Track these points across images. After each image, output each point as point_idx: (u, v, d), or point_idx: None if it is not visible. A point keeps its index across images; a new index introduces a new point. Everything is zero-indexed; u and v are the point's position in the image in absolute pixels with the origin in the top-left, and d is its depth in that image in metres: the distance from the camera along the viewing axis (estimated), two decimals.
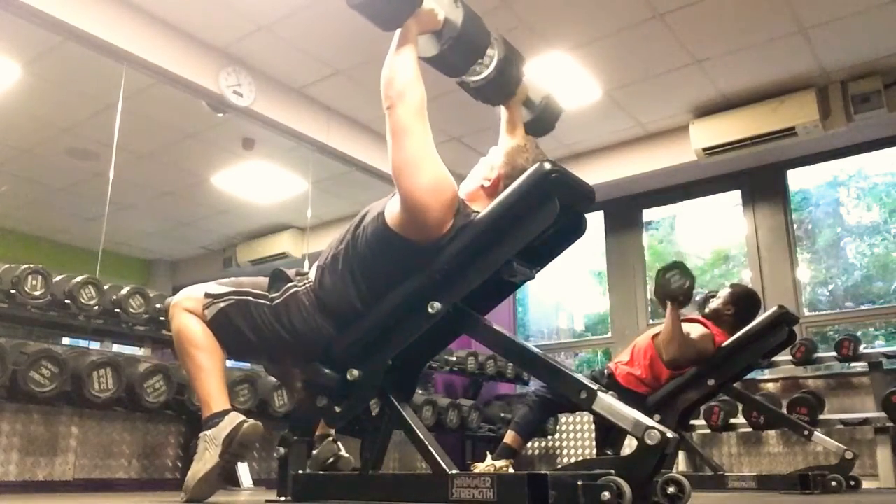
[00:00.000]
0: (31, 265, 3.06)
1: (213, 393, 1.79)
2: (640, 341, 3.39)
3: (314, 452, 1.96)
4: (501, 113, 2.15)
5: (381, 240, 1.66)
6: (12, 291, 2.98)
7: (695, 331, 3.19)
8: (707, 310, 3.40)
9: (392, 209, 1.64)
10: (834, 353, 4.22)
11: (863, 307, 5.28)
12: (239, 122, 4.61)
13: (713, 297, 3.56)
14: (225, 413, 1.76)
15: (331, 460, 2.00)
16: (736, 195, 5.43)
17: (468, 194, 1.82)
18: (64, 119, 4.67)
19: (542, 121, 2.20)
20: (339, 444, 2.04)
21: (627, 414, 1.34)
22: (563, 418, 5.12)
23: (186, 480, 1.74)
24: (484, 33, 1.87)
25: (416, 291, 1.62)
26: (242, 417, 1.76)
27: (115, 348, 3.71)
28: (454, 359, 4.92)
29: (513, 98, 2.08)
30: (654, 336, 3.29)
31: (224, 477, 1.80)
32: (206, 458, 1.72)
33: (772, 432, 4.42)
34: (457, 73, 1.91)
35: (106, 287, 3.30)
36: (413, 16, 1.68)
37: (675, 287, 3.10)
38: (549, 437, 5.19)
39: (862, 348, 4.20)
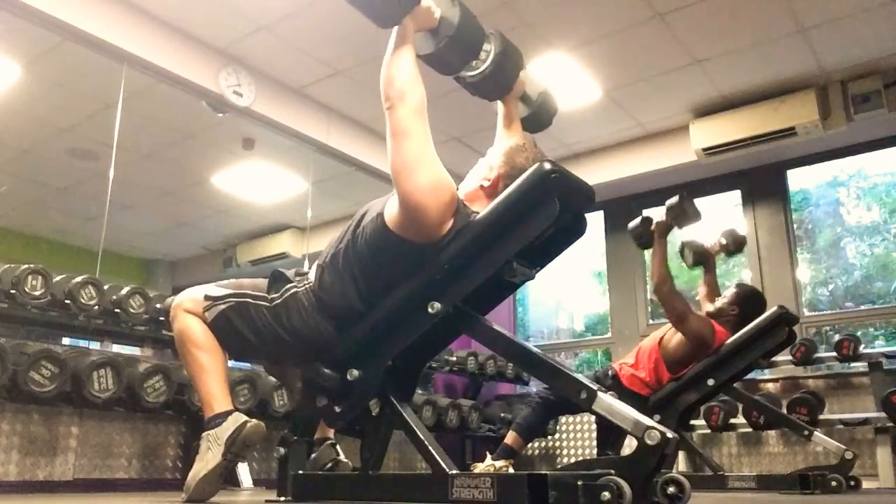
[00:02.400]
0: (31, 265, 3.05)
1: (215, 393, 1.79)
2: (646, 344, 3.39)
3: (313, 455, 1.96)
4: (498, 108, 2.15)
5: (380, 240, 1.66)
6: (12, 291, 2.98)
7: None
8: (711, 308, 3.40)
9: (391, 210, 1.64)
10: (834, 353, 4.22)
11: (863, 307, 5.28)
12: (239, 122, 4.61)
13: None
14: (228, 413, 1.77)
15: (329, 465, 2.00)
16: (736, 195, 5.43)
17: (467, 195, 1.82)
18: (64, 119, 4.67)
19: (538, 116, 2.20)
20: (338, 448, 2.04)
21: (627, 414, 1.34)
22: (563, 418, 5.12)
23: (188, 480, 1.74)
24: (479, 32, 1.88)
25: (416, 291, 1.62)
26: (245, 418, 1.76)
27: (115, 348, 3.71)
28: (454, 359, 4.92)
29: (510, 93, 2.08)
30: (661, 339, 3.30)
31: (224, 477, 1.80)
32: (209, 457, 1.72)
33: (772, 432, 4.41)
34: (452, 70, 1.91)
35: (106, 287, 3.30)
36: (410, 14, 1.69)
37: (691, 213, 3.26)
38: (549, 437, 5.19)
39: (862, 348, 4.20)
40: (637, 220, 3.44)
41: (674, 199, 3.30)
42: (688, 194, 3.36)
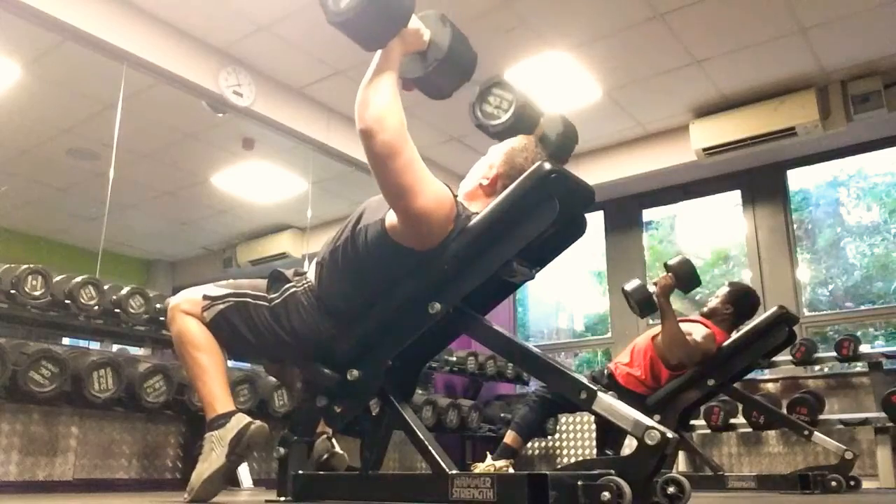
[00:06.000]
0: (31, 265, 3.05)
1: (216, 394, 1.79)
2: (640, 342, 3.39)
3: None
4: None
5: (381, 246, 1.65)
6: (12, 291, 2.98)
7: (697, 331, 3.19)
8: (705, 309, 3.40)
9: (392, 220, 1.63)
10: (834, 353, 4.22)
11: (863, 307, 5.29)
12: (239, 122, 4.61)
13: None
14: (231, 414, 1.76)
15: (325, 457, 2.00)
16: (736, 195, 5.44)
17: (467, 193, 1.82)
18: (64, 119, 4.67)
19: (557, 154, 2.21)
20: (333, 440, 2.04)
21: (627, 414, 1.34)
22: (563, 418, 5.12)
23: (191, 480, 1.74)
24: (471, 56, 1.80)
25: (416, 292, 1.62)
26: (249, 419, 1.76)
27: (115, 348, 3.71)
28: (454, 359, 4.92)
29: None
30: (654, 337, 3.29)
31: (227, 478, 1.80)
32: (213, 458, 1.72)
33: (772, 432, 4.42)
34: (442, 95, 1.84)
35: (106, 287, 3.30)
36: (397, 36, 1.62)
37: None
38: (549, 437, 5.19)
39: (862, 348, 4.20)
40: (634, 286, 3.32)
41: (680, 260, 3.22)
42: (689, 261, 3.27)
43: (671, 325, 3.10)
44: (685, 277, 3.20)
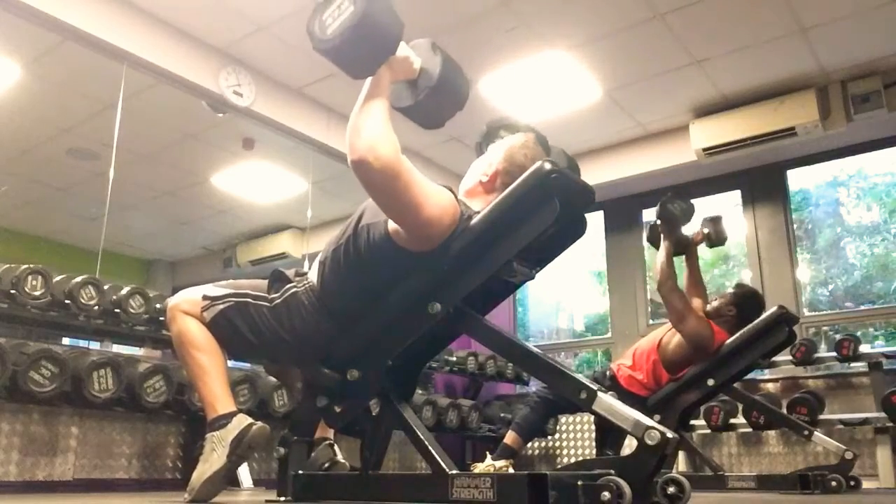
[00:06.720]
0: (31, 265, 3.05)
1: (217, 394, 1.79)
2: (643, 344, 3.39)
3: (311, 455, 1.96)
4: None
5: (384, 247, 1.65)
6: (12, 291, 2.98)
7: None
8: (709, 308, 3.40)
9: (395, 225, 1.63)
10: (834, 353, 4.22)
11: (863, 307, 5.28)
12: (239, 122, 4.61)
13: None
14: (232, 415, 1.76)
15: (326, 465, 2.00)
16: (736, 195, 5.43)
17: (467, 191, 1.83)
18: (64, 119, 4.67)
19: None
20: (335, 448, 2.04)
21: (627, 414, 1.34)
22: (563, 418, 5.12)
23: (192, 480, 1.74)
24: (464, 83, 1.77)
25: (417, 292, 1.62)
26: (250, 420, 1.76)
27: (115, 348, 3.71)
28: (454, 359, 4.92)
29: None
30: (660, 341, 3.30)
31: (228, 478, 1.80)
32: (213, 459, 1.73)
33: (772, 432, 4.42)
34: (434, 125, 1.80)
35: (106, 287, 3.30)
36: (385, 64, 1.61)
37: (679, 212, 3.35)
38: (549, 437, 5.19)
39: (862, 348, 4.20)
40: (650, 223, 3.55)
41: (658, 207, 3.40)
42: (672, 195, 3.39)
43: (661, 262, 3.29)
44: (669, 216, 3.40)
